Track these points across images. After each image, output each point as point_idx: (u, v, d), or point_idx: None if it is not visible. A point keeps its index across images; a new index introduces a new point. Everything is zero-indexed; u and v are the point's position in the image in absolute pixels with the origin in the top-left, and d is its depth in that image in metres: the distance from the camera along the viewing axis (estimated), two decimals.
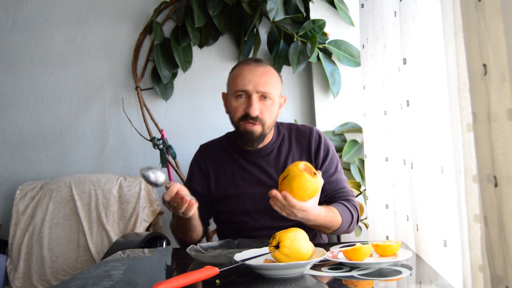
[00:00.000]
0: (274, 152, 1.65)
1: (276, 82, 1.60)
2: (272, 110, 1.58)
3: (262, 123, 1.56)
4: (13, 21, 2.66)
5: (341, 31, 2.36)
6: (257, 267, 1.09)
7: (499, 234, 0.76)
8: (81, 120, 2.62)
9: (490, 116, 0.76)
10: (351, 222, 1.56)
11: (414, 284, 1.08)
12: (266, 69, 1.59)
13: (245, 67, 1.58)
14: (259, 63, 1.60)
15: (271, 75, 1.59)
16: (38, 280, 2.25)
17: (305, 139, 1.65)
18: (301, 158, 1.63)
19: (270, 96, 1.56)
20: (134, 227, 2.26)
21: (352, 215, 1.56)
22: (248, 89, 1.54)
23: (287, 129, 1.70)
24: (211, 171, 1.67)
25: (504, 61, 0.72)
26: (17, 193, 2.41)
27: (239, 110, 1.56)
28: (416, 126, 1.33)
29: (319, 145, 1.64)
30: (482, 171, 0.81)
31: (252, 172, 1.63)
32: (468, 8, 0.81)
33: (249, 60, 1.62)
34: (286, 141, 1.67)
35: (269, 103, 1.56)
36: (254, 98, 1.54)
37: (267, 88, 1.55)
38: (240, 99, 1.56)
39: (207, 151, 1.73)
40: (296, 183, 1.25)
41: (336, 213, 1.50)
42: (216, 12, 2.35)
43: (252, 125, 1.55)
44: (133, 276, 1.20)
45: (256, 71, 1.56)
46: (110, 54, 2.60)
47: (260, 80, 1.54)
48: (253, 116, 1.54)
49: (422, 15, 1.28)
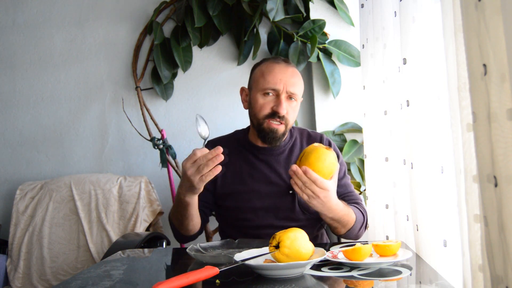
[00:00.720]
0: (285, 152, 1.66)
1: (302, 85, 1.63)
2: (295, 111, 1.61)
3: (286, 123, 1.59)
4: (13, 21, 2.66)
5: (341, 31, 2.36)
6: (257, 267, 1.09)
7: (499, 234, 0.76)
8: (81, 120, 2.62)
9: (490, 116, 0.76)
10: (362, 224, 1.58)
11: (414, 284, 1.08)
12: (295, 71, 1.61)
13: (276, 65, 1.59)
14: (288, 63, 1.61)
15: (299, 77, 1.61)
16: (38, 280, 2.25)
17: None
18: None
19: (296, 97, 1.59)
20: (134, 227, 2.26)
21: (364, 217, 1.59)
22: (278, 88, 1.55)
23: (299, 132, 1.73)
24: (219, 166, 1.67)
25: (504, 61, 0.72)
26: (17, 193, 2.41)
27: (266, 108, 1.57)
28: (416, 126, 1.33)
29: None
30: (482, 171, 0.80)
31: (261, 169, 1.63)
32: (468, 8, 0.81)
33: (278, 59, 1.63)
34: (298, 144, 1.69)
35: (294, 104, 1.59)
36: (283, 97, 1.55)
37: (295, 89, 1.57)
38: (268, 97, 1.57)
39: (214, 146, 1.72)
40: (313, 156, 1.30)
41: (351, 210, 1.52)
42: (216, 12, 2.35)
43: (278, 124, 1.57)
44: (133, 276, 1.20)
45: (287, 70, 1.58)
46: (110, 54, 2.60)
47: (290, 81, 1.56)
48: (281, 115, 1.55)
49: (422, 15, 1.28)
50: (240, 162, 1.65)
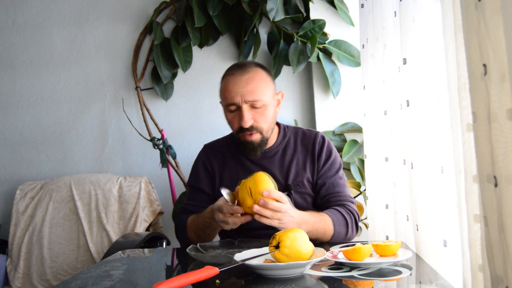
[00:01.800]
0: (278, 153, 1.65)
1: (265, 85, 1.56)
2: (266, 115, 1.56)
3: (259, 130, 1.55)
4: (13, 21, 2.66)
5: (341, 31, 2.36)
6: (257, 267, 1.09)
7: (499, 234, 0.76)
8: (81, 120, 2.62)
9: (490, 116, 0.76)
10: (346, 228, 1.52)
11: (414, 284, 1.08)
12: (251, 75, 1.54)
13: (230, 78, 1.55)
14: (243, 70, 1.55)
15: (257, 80, 1.54)
16: (38, 280, 2.25)
17: (310, 142, 1.66)
18: (305, 160, 1.63)
19: (261, 102, 1.53)
20: (134, 227, 2.26)
21: (346, 220, 1.52)
22: (237, 101, 1.52)
23: (293, 132, 1.70)
24: (216, 170, 1.67)
25: (504, 61, 0.72)
26: (17, 193, 2.41)
27: (235, 123, 1.56)
28: (416, 126, 1.33)
29: (322, 147, 1.65)
30: (482, 171, 0.80)
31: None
32: (468, 8, 0.81)
33: (233, 69, 1.59)
34: (292, 144, 1.67)
35: (262, 109, 1.54)
36: (244, 109, 1.52)
37: (255, 96, 1.52)
38: (233, 113, 1.55)
39: (211, 150, 1.73)
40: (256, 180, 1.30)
41: (327, 220, 1.47)
42: (216, 12, 2.35)
43: (250, 135, 1.55)
44: (133, 276, 1.20)
45: (240, 81, 1.53)
46: (110, 54, 2.60)
47: (246, 90, 1.51)
48: (245, 128, 1.53)
49: (422, 15, 1.28)
50: (236, 166, 1.65)
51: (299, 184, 1.61)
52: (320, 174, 1.63)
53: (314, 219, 1.43)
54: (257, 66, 1.59)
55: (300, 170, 1.62)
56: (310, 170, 1.63)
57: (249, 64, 1.60)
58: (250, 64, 1.60)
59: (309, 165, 1.63)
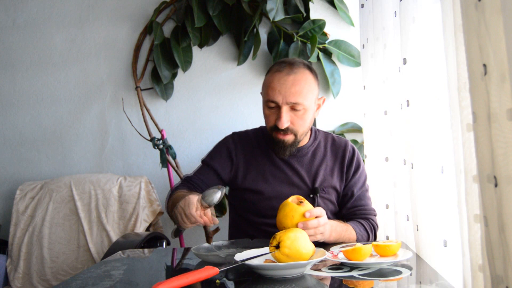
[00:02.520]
0: (308, 155, 1.63)
1: (310, 89, 1.52)
2: (305, 119, 1.53)
3: (294, 133, 1.53)
4: (13, 21, 2.66)
5: (341, 31, 2.36)
6: (257, 267, 1.09)
7: (499, 234, 0.76)
8: (81, 120, 2.62)
9: (490, 116, 0.76)
10: (368, 239, 1.55)
11: (414, 284, 1.08)
12: (298, 77, 1.50)
13: (276, 75, 1.51)
14: (292, 69, 1.51)
15: (303, 82, 1.50)
16: (38, 280, 2.25)
17: (340, 150, 1.65)
18: (333, 167, 1.63)
19: (302, 106, 1.50)
20: (134, 227, 2.26)
21: (368, 234, 1.55)
22: (277, 100, 1.49)
23: (324, 137, 1.69)
24: (241, 161, 1.64)
25: (504, 61, 0.72)
26: (17, 193, 2.41)
27: (270, 120, 1.54)
28: (416, 126, 1.33)
29: (352, 158, 1.64)
30: (482, 171, 0.80)
31: (284, 171, 1.61)
32: (468, 8, 0.81)
33: (282, 66, 1.53)
34: (322, 148, 1.66)
35: (301, 113, 1.51)
36: (283, 110, 1.49)
37: (298, 99, 1.48)
38: (271, 109, 1.52)
39: (240, 140, 1.69)
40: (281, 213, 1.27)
41: (349, 229, 1.49)
42: (216, 12, 2.35)
43: (283, 135, 1.53)
44: (133, 276, 1.20)
45: (286, 80, 1.49)
46: (110, 54, 2.60)
47: (290, 91, 1.48)
48: (281, 129, 1.51)
49: (422, 15, 1.28)
50: (264, 160, 1.63)
51: (324, 190, 1.60)
52: (349, 185, 1.63)
53: (341, 228, 1.45)
54: (306, 68, 1.55)
55: (328, 175, 1.61)
56: (338, 178, 1.63)
57: (298, 64, 1.55)
58: (300, 64, 1.55)
59: (337, 173, 1.63)
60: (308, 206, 1.28)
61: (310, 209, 1.27)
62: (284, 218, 1.25)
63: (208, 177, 1.64)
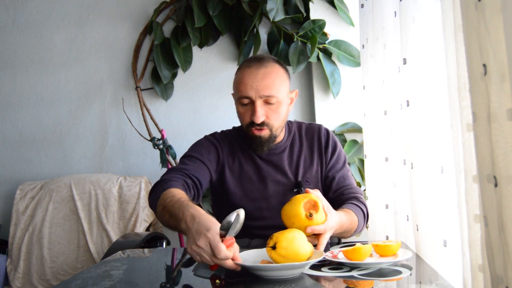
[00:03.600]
0: (286, 150, 1.63)
1: (281, 81, 1.52)
2: (279, 112, 1.52)
3: (270, 127, 1.52)
4: (13, 21, 2.66)
5: (341, 31, 2.36)
6: (254, 268, 1.08)
7: (499, 234, 0.76)
8: (81, 120, 2.62)
9: (490, 116, 0.76)
10: (364, 221, 1.53)
11: (414, 284, 1.08)
12: (268, 70, 1.50)
13: (246, 70, 1.52)
14: (261, 64, 1.51)
15: (274, 75, 1.50)
16: (38, 280, 2.25)
17: (315, 137, 1.64)
18: (311, 154, 1.62)
19: (275, 98, 1.49)
20: (134, 227, 2.26)
21: (364, 214, 1.54)
22: (250, 95, 1.48)
23: (297, 127, 1.68)
24: (225, 159, 1.62)
25: (504, 61, 0.72)
26: (17, 193, 2.41)
27: (246, 118, 1.52)
28: (416, 126, 1.33)
29: (327, 141, 1.63)
30: (482, 171, 0.80)
31: (267, 170, 1.60)
32: (468, 8, 0.81)
33: (251, 62, 1.54)
34: (297, 139, 1.65)
35: (275, 106, 1.51)
36: (258, 104, 1.48)
37: (270, 92, 1.48)
38: (245, 106, 1.52)
39: (223, 139, 1.67)
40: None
41: (354, 217, 1.47)
42: (216, 12, 2.35)
43: (259, 131, 1.52)
44: (133, 276, 1.20)
45: (257, 74, 1.49)
46: (110, 54, 2.60)
47: (261, 84, 1.47)
48: (257, 123, 1.49)
49: (422, 15, 1.28)
50: (246, 161, 1.62)
51: (308, 181, 1.60)
52: (329, 168, 1.61)
53: (346, 220, 1.40)
54: (275, 61, 1.55)
55: (308, 165, 1.61)
56: (318, 164, 1.62)
57: (267, 58, 1.55)
58: (269, 58, 1.55)
59: (317, 160, 1.62)
60: (317, 218, 1.21)
61: (314, 228, 1.21)
62: (287, 219, 1.23)
63: (196, 166, 1.54)
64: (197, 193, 1.51)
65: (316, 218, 1.22)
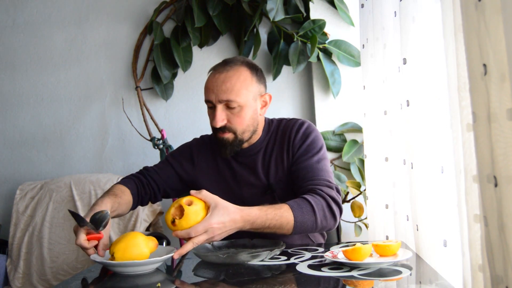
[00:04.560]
0: (261, 151, 1.58)
1: (242, 86, 1.47)
2: (242, 116, 1.48)
3: (233, 131, 1.49)
4: (13, 21, 2.66)
5: (341, 31, 2.36)
6: (103, 263, 1.19)
7: (499, 234, 0.76)
8: (81, 120, 2.62)
9: (490, 116, 0.76)
10: (314, 215, 1.35)
11: (414, 284, 1.08)
12: (229, 74, 1.47)
13: (211, 75, 1.52)
14: (224, 68, 1.49)
15: (235, 79, 1.46)
16: (38, 280, 2.25)
17: (286, 133, 1.56)
18: (282, 151, 1.55)
19: (236, 103, 1.46)
20: (134, 227, 2.26)
21: (313, 207, 1.35)
22: (211, 99, 1.49)
23: (276, 125, 1.61)
24: (201, 165, 1.63)
25: (504, 61, 0.72)
26: (17, 193, 2.41)
27: (211, 121, 1.52)
28: (416, 126, 1.33)
29: (297, 132, 1.54)
30: (482, 171, 0.80)
31: (241, 173, 1.57)
32: (468, 8, 0.81)
33: (218, 65, 1.53)
34: (273, 138, 1.59)
35: (237, 110, 1.47)
36: (218, 108, 1.47)
37: (229, 96, 1.45)
38: (210, 109, 1.52)
39: (202, 145, 1.68)
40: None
41: (282, 209, 1.32)
42: (216, 12, 2.35)
43: (222, 134, 1.50)
44: (133, 276, 1.20)
45: (217, 79, 1.48)
46: (110, 54, 2.60)
47: (221, 89, 1.46)
48: (217, 127, 1.49)
49: (422, 15, 1.28)
50: (223, 165, 1.60)
51: (281, 180, 1.54)
52: (294, 160, 1.52)
53: (264, 217, 1.29)
54: (242, 65, 1.51)
55: (279, 164, 1.55)
56: (287, 160, 1.54)
57: (234, 61, 1.52)
58: (236, 61, 1.52)
59: (286, 155, 1.55)
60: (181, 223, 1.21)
61: (177, 233, 1.22)
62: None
63: (166, 172, 1.63)
64: (153, 193, 1.60)
65: (181, 223, 1.21)
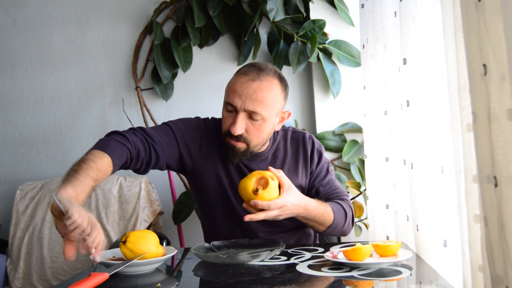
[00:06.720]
0: (268, 159, 1.58)
1: (273, 100, 1.42)
2: (262, 130, 1.44)
3: (247, 142, 1.45)
4: (13, 21, 2.66)
5: (341, 31, 2.36)
6: (104, 264, 1.22)
7: (499, 234, 0.76)
8: (81, 120, 2.62)
9: (490, 116, 0.76)
10: (345, 220, 1.53)
11: (414, 284, 1.08)
12: (263, 85, 1.41)
13: (241, 78, 1.43)
14: (259, 75, 1.42)
15: (267, 92, 1.41)
16: (38, 280, 2.25)
17: (300, 145, 1.63)
18: (296, 164, 1.61)
19: (260, 116, 1.41)
20: (134, 227, 2.25)
21: (346, 213, 1.53)
22: (236, 104, 1.40)
23: (282, 136, 1.64)
24: (205, 152, 1.55)
25: (504, 61, 0.72)
26: (17, 193, 2.41)
27: (226, 124, 1.45)
28: (416, 126, 1.33)
29: (313, 149, 1.63)
30: (482, 171, 0.80)
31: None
32: (468, 8, 0.81)
33: (250, 69, 1.44)
34: (282, 148, 1.61)
35: (259, 123, 1.43)
36: (240, 116, 1.40)
37: (257, 108, 1.40)
38: (229, 113, 1.44)
39: (209, 132, 1.57)
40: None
41: (328, 208, 1.47)
42: (216, 12, 2.35)
43: (235, 142, 1.45)
44: (133, 276, 1.20)
45: (250, 86, 1.40)
46: (110, 54, 2.60)
47: (251, 98, 1.39)
48: (234, 135, 1.43)
49: (422, 15, 1.28)
50: (228, 166, 1.56)
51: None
52: (314, 177, 1.62)
53: (316, 207, 1.43)
54: (275, 77, 1.45)
55: (292, 175, 1.57)
56: (303, 174, 1.61)
57: (267, 70, 1.45)
58: (269, 71, 1.45)
59: (302, 169, 1.61)
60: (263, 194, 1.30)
61: (256, 202, 1.29)
62: (239, 190, 1.35)
63: (170, 149, 1.49)
64: (144, 168, 1.49)
65: (263, 194, 1.30)
